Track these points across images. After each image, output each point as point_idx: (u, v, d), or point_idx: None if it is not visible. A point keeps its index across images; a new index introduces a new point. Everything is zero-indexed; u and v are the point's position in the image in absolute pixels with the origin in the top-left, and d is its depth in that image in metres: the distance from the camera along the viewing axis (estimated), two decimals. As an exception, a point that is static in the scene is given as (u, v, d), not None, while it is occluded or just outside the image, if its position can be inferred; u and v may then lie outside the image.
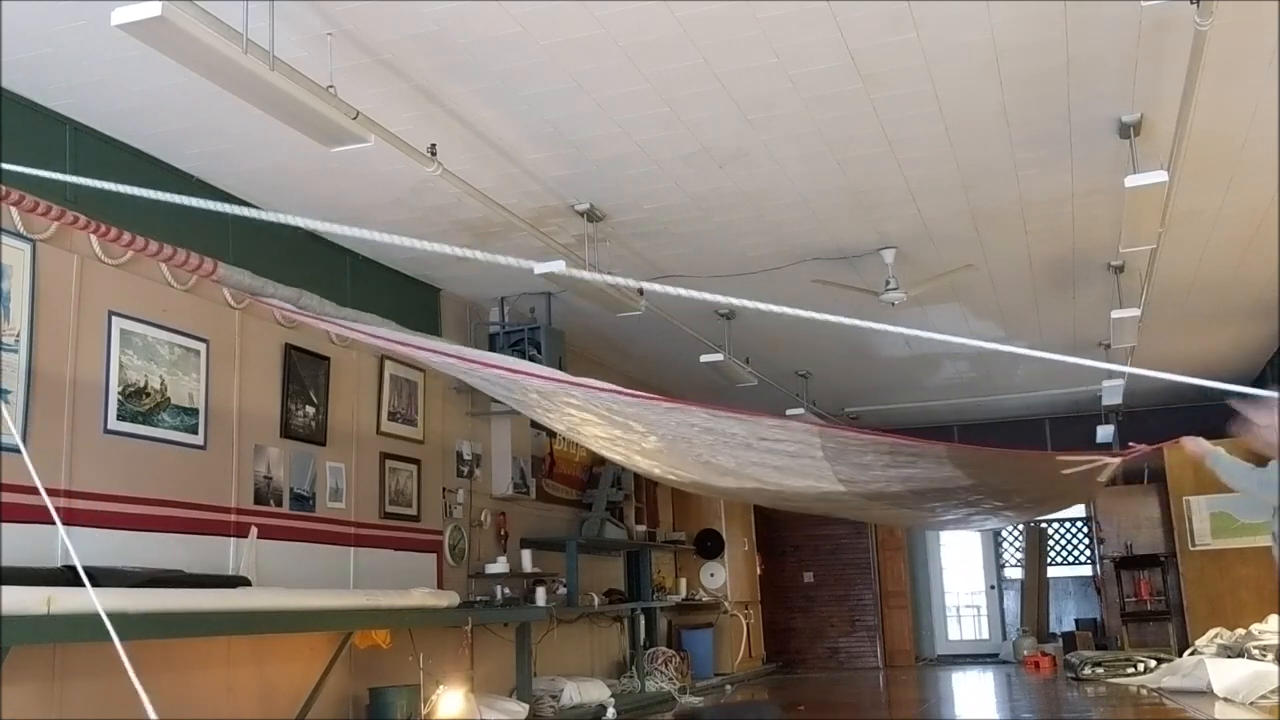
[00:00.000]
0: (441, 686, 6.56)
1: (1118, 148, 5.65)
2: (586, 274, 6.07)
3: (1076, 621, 14.69)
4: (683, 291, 2.61)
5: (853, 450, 4.61)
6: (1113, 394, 11.24)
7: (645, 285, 2.80)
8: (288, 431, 6.16)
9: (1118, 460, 4.64)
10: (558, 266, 4.83)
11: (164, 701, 4.96)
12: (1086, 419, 13.20)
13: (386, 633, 6.10)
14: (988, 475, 5.15)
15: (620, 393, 4.33)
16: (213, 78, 3.90)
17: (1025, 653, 13.77)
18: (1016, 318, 9.26)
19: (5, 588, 3.69)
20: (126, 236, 4.91)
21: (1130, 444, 4.57)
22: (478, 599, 7.52)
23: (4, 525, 4.35)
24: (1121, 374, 10.26)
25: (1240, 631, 9.62)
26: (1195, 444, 4.40)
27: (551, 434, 9.46)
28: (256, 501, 5.85)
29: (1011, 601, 15.65)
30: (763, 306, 2.55)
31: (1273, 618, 9.47)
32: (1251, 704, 7.79)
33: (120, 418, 5.05)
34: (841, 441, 4.51)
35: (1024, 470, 5.46)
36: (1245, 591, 11.32)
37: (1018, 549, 15.85)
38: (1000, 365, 11.27)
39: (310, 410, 6.36)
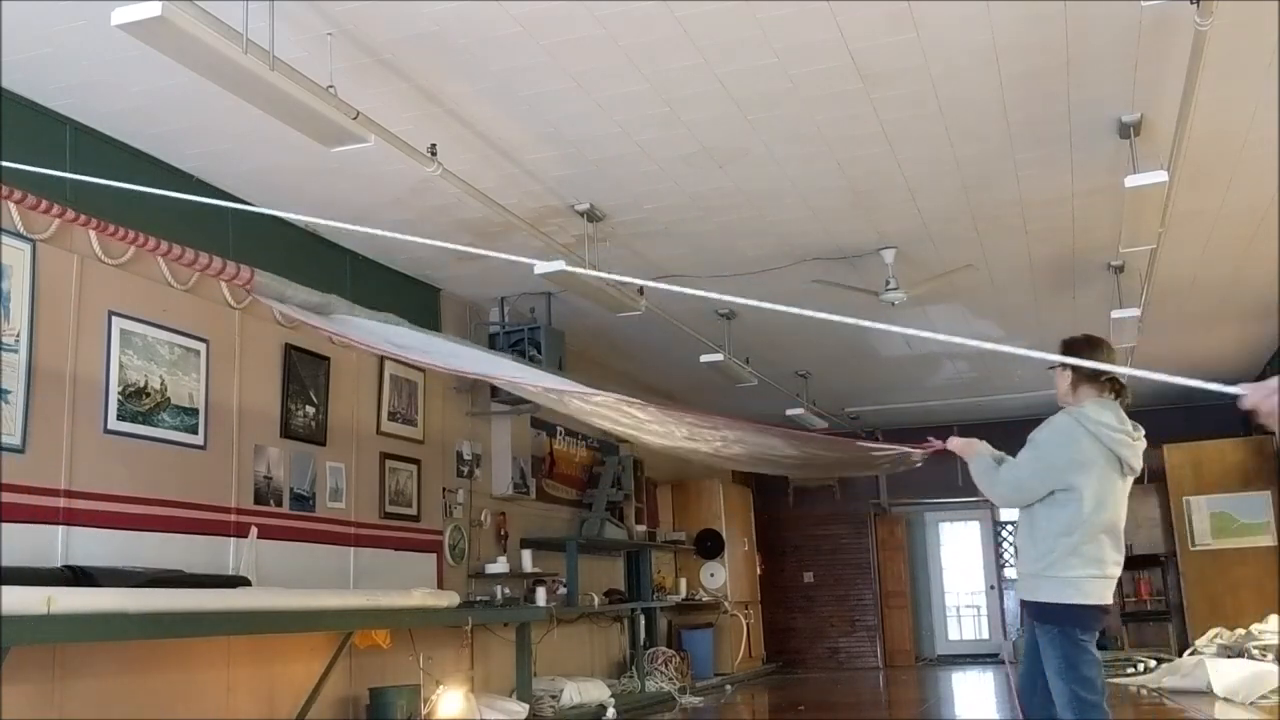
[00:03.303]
0: (441, 686, 6.57)
1: (1118, 148, 5.65)
2: (587, 272, 6.07)
3: (1076, 621, 14.67)
4: (684, 290, 2.61)
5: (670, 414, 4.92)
6: (1113, 394, 11.22)
7: (645, 283, 2.80)
8: (288, 431, 6.15)
9: (919, 452, 4.73)
10: (558, 266, 4.86)
11: (164, 701, 4.98)
12: (1086, 419, 13.19)
13: (386, 633, 6.10)
14: (806, 447, 5.33)
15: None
16: (213, 78, 3.90)
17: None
18: (1016, 318, 9.26)
19: (5, 588, 3.69)
20: (152, 242, 4.95)
21: (929, 438, 4.64)
22: (478, 599, 7.52)
23: (4, 525, 4.35)
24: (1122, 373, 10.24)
25: (1240, 631, 9.62)
26: (969, 445, 4.39)
27: (551, 434, 9.47)
28: (256, 501, 5.85)
29: (1011, 601, 15.61)
30: (759, 304, 2.55)
31: (1273, 618, 9.47)
32: (1251, 704, 7.80)
33: (120, 418, 5.04)
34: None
35: (837, 447, 5.73)
36: (1245, 591, 11.30)
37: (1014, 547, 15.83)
38: (1000, 365, 11.27)
39: (310, 410, 6.36)
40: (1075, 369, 4.11)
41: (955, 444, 4.41)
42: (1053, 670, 3.94)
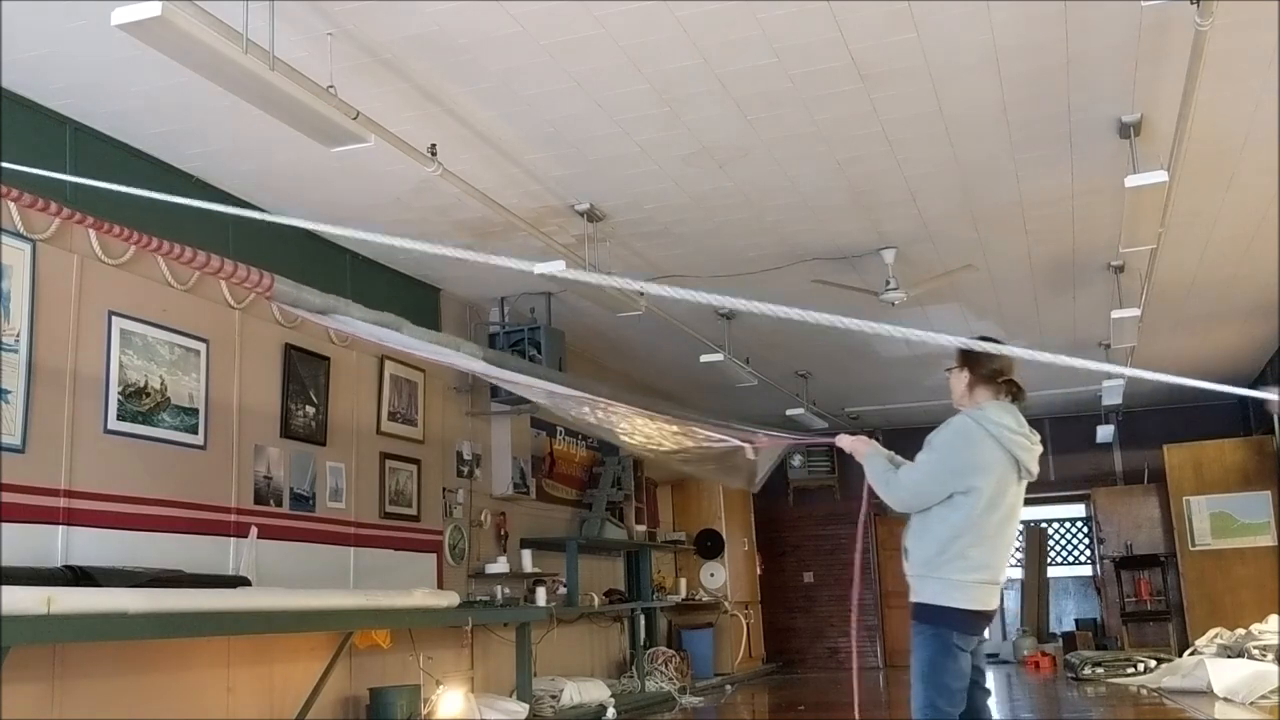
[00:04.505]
0: (441, 686, 6.57)
1: (1118, 148, 5.65)
2: (585, 275, 6.07)
3: (1076, 621, 14.69)
4: (681, 292, 2.61)
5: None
6: (1113, 394, 11.24)
7: (645, 287, 2.79)
8: (288, 431, 6.15)
9: (749, 447, 4.60)
10: (558, 267, 4.86)
11: (164, 701, 4.99)
12: (1086, 419, 13.20)
13: (386, 633, 6.10)
14: (682, 439, 5.32)
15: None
16: (213, 78, 3.90)
17: (1025, 653, 13.77)
18: (1016, 318, 9.26)
19: (5, 588, 3.69)
20: (154, 243, 4.92)
21: (760, 433, 4.54)
22: (478, 599, 7.53)
23: (4, 525, 4.35)
24: (1121, 375, 10.26)
25: (1240, 631, 9.62)
26: (860, 443, 4.26)
27: (551, 434, 9.47)
28: (256, 501, 5.85)
29: (1011, 601, 15.64)
30: (761, 307, 2.54)
31: (1273, 618, 9.48)
32: (1251, 704, 7.80)
33: (120, 418, 5.04)
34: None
35: (695, 436, 5.66)
36: (1245, 591, 11.31)
37: (1017, 549, 15.85)
38: (1000, 365, 11.26)
39: (310, 410, 6.36)
40: (972, 370, 4.06)
41: (844, 441, 4.22)
42: (916, 672, 3.75)
